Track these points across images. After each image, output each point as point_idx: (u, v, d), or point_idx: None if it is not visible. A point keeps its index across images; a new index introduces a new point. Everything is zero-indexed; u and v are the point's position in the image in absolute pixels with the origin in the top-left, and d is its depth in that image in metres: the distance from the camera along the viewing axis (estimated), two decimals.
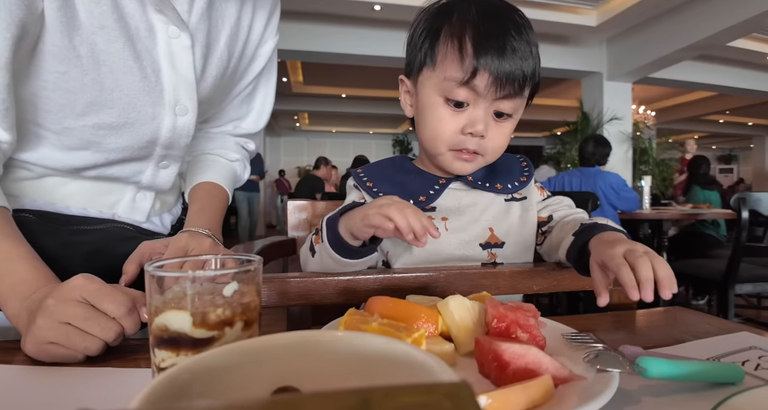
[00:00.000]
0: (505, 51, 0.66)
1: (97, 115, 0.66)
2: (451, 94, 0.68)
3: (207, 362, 0.28)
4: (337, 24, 5.53)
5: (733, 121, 12.08)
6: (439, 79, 0.69)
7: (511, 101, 0.69)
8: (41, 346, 0.49)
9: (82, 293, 0.50)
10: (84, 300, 0.50)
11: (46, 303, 0.49)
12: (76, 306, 0.49)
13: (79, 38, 0.61)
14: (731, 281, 2.22)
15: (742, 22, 4.65)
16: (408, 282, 0.67)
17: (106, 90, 0.65)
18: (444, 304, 0.51)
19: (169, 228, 0.90)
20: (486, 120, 0.69)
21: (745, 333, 0.59)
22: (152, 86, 0.69)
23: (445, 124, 0.70)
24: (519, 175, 0.82)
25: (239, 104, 0.90)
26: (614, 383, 0.38)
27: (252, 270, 0.40)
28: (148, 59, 0.68)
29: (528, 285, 0.72)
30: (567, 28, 5.62)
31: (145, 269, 0.39)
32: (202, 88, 0.76)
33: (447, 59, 0.68)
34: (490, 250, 0.77)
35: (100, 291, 0.51)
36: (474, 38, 0.66)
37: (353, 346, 0.31)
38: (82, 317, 0.49)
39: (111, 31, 0.63)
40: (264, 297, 0.63)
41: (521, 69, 0.67)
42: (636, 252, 0.51)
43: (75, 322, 0.48)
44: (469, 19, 0.68)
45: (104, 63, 0.64)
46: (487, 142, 0.71)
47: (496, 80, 0.66)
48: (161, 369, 0.37)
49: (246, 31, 0.81)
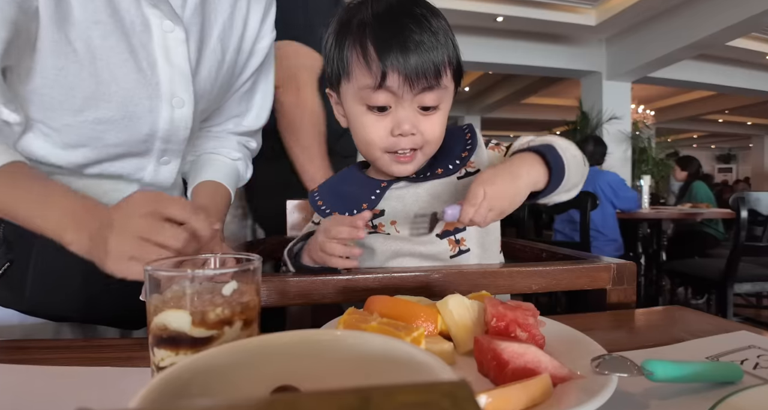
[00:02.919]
0: (408, 47, 0.65)
1: (95, 110, 0.67)
2: (371, 101, 0.68)
3: (206, 361, 0.28)
4: None
5: (732, 120, 12.09)
6: (355, 89, 0.69)
7: (433, 93, 0.68)
8: (123, 264, 0.50)
9: (145, 205, 0.51)
10: (149, 212, 0.51)
11: (113, 222, 0.51)
12: (141, 218, 0.50)
13: (74, 33, 0.62)
14: (730, 280, 2.22)
15: (742, 22, 4.66)
16: (407, 282, 0.67)
17: (103, 83, 0.66)
18: (443, 303, 0.51)
19: None
20: (412, 117, 0.69)
21: (744, 333, 0.59)
22: (148, 79, 0.70)
23: (373, 130, 0.70)
24: (461, 150, 0.78)
25: (238, 101, 0.90)
26: (613, 382, 0.38)
27: (251, 269, 0.40)
28: (143, 53, 0.68)
29: (527, 284, 0.72)
30: (566, 27, 5.63)
31: (144, 268, 0.39)
32: (198, 81, 0.77)
33: (356, 68, 0.68)
34: (452, 238, 0.75)
35: (161, 197, 0.52)
36: (374, 41, 0.66)
37: (352, 345, 0.31)
38: (150, 228, 0.50)
39: (106, 25, 0.63)
40: (263, 297, 0.63)
41: (430, 61, 0.66)
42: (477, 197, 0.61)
43: (145, 234, 0.50)
44: (367, 23, 0.68)
45: (100, 57, 0.64)
46: (420, 137, 0.70)
47: (407, 78, 0.65)
48: (160, 369, 0.37)
49: (241, 26, 0.82)
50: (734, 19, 4.67)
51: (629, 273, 0.75)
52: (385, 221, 0.77)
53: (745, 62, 6.73)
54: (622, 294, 0.75)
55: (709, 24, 4.94)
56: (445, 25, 0.70)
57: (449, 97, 0.73)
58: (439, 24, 0.69)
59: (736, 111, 10.91)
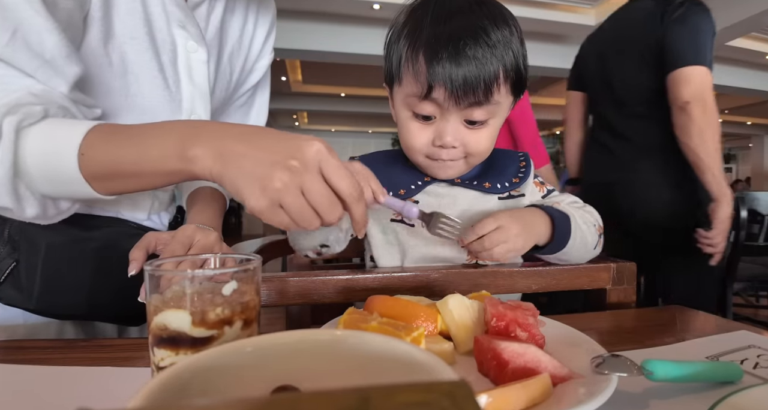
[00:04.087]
0: (459, 60, 0.62)
1: (116, 119, 0.69)
2: (416, 109, 0.67)
3: (206, 361, 0.28)
4: (336, 23, 5.53)
5: (732, 120, 12.08)
6: (403, 95, 0.69)
7: (482, 108, 0.66)
8: (271, 208, 0.45)
9: (322, 162, 0.46)
10: (323, 174, 0.46)
11: (289, 163, 0.45)
12: (313, 174, 0.45)
13: (111, 46, 0.65)
14: (730, 280, 2.22)
15: (742, 22, 4.65)
16: (407, 282, 0.67)
17: (130, 96, 0.68)
18: (443, 303, 0.51)
19: (167, 226, 0.90)
20: (455, 130, 0.67)
21: (743, 332, 0.59)
22: (173, 96, 0.73)
23: (416, 137, 0.70)
24: (513, 174, 0.79)
25: (234, 113, 0.93)
26: (613, 382, 0.38)
27: (251, 269, 0.40)
28: (171, 71, 0.71)
29: (527, 284, 0.72)
30: (565, 27, 5.62)
31: (144, 268, 0.39)
32: (213, 100, 0.80)
33: (406, 75, 0.67)
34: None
35: (335, 165, 0.46)
36: (426, 50, 0.64)
37: (352, 345, 0.31)
38: (315, 190, 0.45)
39: (141, 42, 0.66)
40: (263, 296, 0.63)
41: (480, 76, 0.63)
42: (487, 225, 0.65)
43: (307, 192, 0.45)
44: (423, 29, 0.65)
45: (131, 71, 0.67)
46: (461, 150, 0.69)
47: (454, 92, 0.63)
48: (160, 368, 0.37)
49: (247, 47, 0.86)
50: (734, 19, 4.67)
51: (629, 272, 0.75)
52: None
53: (745, 62, 6.72)
54: (622, 294, 0.75)
55: None
56: (508, 34, 0.66)
57: (502, 111, 0.70)
58: (500, 35, 0.65)
59: (735, 111, 10.90)
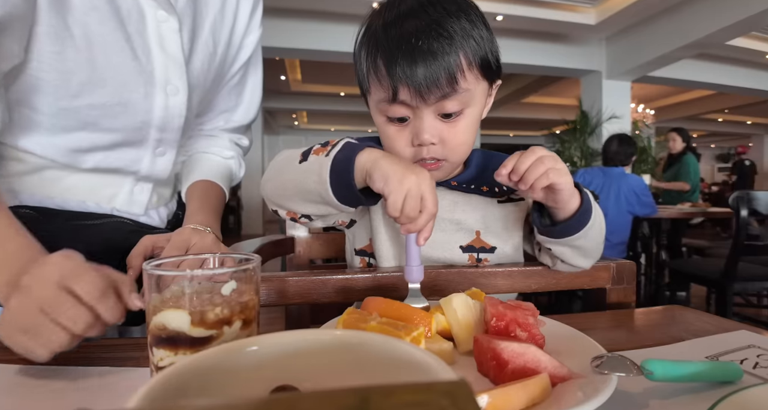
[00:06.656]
0: (415, 57, 0.61)
1: (90, 95, 0.69)
2: (389, 113, 0.66)
3: (205, 361, 0.28)
4: (336, 22, 5.52)
5: (732, 119, 12.09)
6: (374, 102, 0.68)
7: (452, 99, 0.64)
8: (11, 334, 0.44)
9: (58, 272, 0.44)
10: (59, 282, 0.44)
11: (21, 282, 0.45)
12: (48, 288, 0.44)
13: (72, 18, 0.64)
14: (730, 279, 2.22)
15: (742, 21, 4.65)
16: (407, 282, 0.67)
17: (98, 69, 0.68)
18: (447, 302, 0.51)
19: (165, 222, 0.90)
20: (431, 127, 0.65)
21: (743, 332, 0.59)
22: (143, 66, 0.72)
23: (395, 140, 0.68)
24: None
25: (228, 94, 0.92)
26: (613, 382, 0.38)
27: (250, 268, 0.40)
28: (139, 41, 0.71)
29: (526, 284, 0.72)
30: (566, 26, 5.62)
31: (143, 268, 0.39)
32: (191, 71, 0.79)
33: (372, 82, 0.67)
34: (474, 254, 0.75)
35: (76, 271, 0.45)
36: (383, 54, 0.63)
37: (352, 345, 0.31)
38: (53, 301, 0.43)
39: (103, 12, 0.66)
40: (262, 296, 0.63)
41: (441, 69, 0.61)
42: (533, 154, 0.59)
43: (45, 307, 0.43)
44: (377, 34, 0.65)
45: (97, 43, 0.66)
46: (441, 146, 0.67)
47: (418, 90, 0.62)
48: (159, 368, 0.37)
49: (231, 20, 0.85)
50: (734, 18, 4.66)
51: (629, 272, 0.75)
52: None
53: (745, 61, 6.72)
54: (622, 294, 0.75)
55: (709, 23, 4.93)
56: (466, 22, 0.64)
57: (477, 99, 0.67)
58: (457, 26, 0.63)
59: (735, 110, 10.90)
